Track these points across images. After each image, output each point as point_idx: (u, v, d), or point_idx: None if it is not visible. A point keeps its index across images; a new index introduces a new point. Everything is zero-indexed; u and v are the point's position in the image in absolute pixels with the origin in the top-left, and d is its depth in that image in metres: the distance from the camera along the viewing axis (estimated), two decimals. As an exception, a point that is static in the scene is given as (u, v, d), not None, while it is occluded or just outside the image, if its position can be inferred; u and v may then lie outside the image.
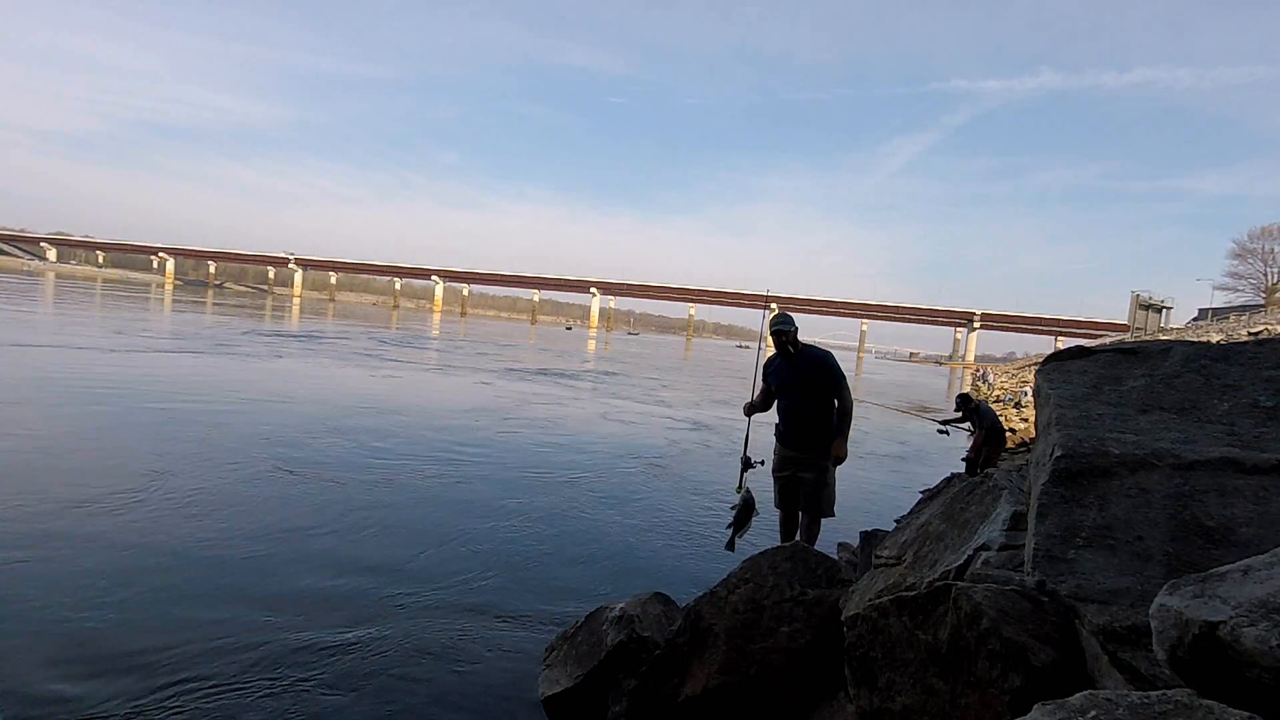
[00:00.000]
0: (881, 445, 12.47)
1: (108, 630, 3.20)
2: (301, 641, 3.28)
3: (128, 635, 3.18)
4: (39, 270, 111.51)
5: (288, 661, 3.10)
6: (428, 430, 9.16)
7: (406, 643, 3.38)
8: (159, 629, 3.26)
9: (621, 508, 6.27)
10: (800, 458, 4.12)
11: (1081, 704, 1.04)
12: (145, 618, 3.36)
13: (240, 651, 3.14)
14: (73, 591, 3.53)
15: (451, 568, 4.41)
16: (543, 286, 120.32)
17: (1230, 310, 46.02)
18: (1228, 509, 1.66)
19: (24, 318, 21.61)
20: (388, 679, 3.06)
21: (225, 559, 4.15)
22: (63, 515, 4.56)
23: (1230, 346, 2.38)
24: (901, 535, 2.65)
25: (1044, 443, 2.09)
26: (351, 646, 3.29)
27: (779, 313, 4.19)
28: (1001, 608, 1.68)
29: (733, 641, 2.65)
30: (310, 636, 3.34)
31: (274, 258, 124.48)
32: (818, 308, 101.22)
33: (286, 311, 51.88)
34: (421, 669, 3.17)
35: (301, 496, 5.57)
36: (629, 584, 4.28)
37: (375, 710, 2.83)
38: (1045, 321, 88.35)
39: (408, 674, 3.12)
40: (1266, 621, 1.00)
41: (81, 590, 3.55)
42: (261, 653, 3.14)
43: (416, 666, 3.19)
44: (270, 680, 2.94)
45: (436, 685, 3.06)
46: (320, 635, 3.36)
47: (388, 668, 3.14)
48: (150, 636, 3.19)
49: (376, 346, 24.02)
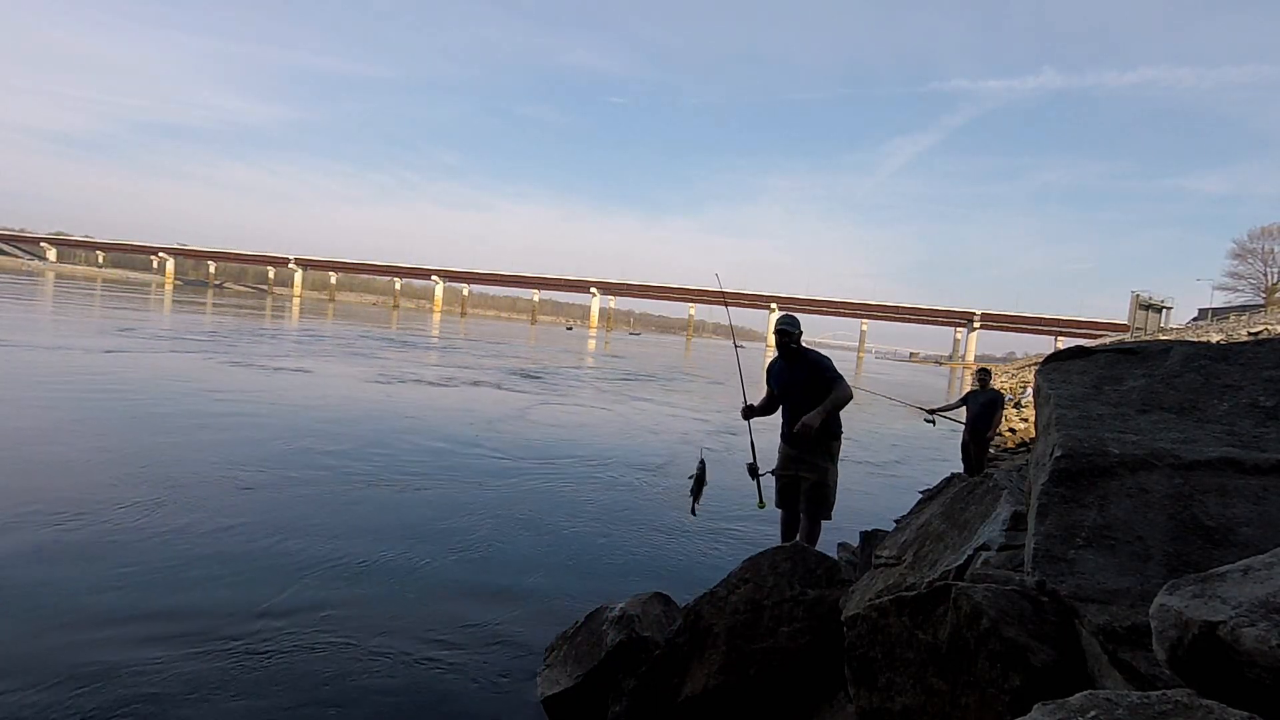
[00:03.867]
0: (881, 445, 12.47)
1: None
2: (300, 642, 3.28)
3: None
4: (39, 270, 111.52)
5: (286, 662, 3.10)
6: (430, 432, 9.16)
7: (406, 643, 3.38)
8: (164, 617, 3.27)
9: (622, 507, 6.27)
10: (801, 457, 4.13)
11: (1081, 704, 1.04)
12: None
13: (237, 652, 3.14)
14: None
15: (451, 568, 4.41)
16: (543, 286, 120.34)
17: (1230, 310, 46.01)
18: (1228, 509, 1.66)
19: (28, 319, 21.62)
20: (388, 679, 3.06)
21: (218, 560, 4.15)
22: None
23: (1230, 346, 2.38)
24: (901, 535, 2.66)
25: (1044, 443, 2.09)
26: (351, 647, 3.29)
27: (785, 314, 4.21)
28: (1001, 608, 1.68)
29: (733, 641, 2.65)
30: (310, 638, 3.34)
31: (274, 258, 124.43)
32: (818, 308, 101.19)
33: (287, 312, 51.86)
34: (421, 669, 3.17)
35: (305, 498, 5.58)
36: (629, 584, 4.28)
37: (375, 710, 2.83)
38: (1045, 321, 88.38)
39: (407, 674, 3.12)
40: (1266, 621, 1.00)
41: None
42: (260, 653, 3.15)
43: (416, 666, 3.18)
44: (270, 680, 2.95)
45: (436, 685, 3.06)
46: (319, 636, 3.36)
47: (388, 668, 3.14)
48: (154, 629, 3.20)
49: (385, 348, 24.03)
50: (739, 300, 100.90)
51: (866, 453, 11.21)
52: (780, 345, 4.20)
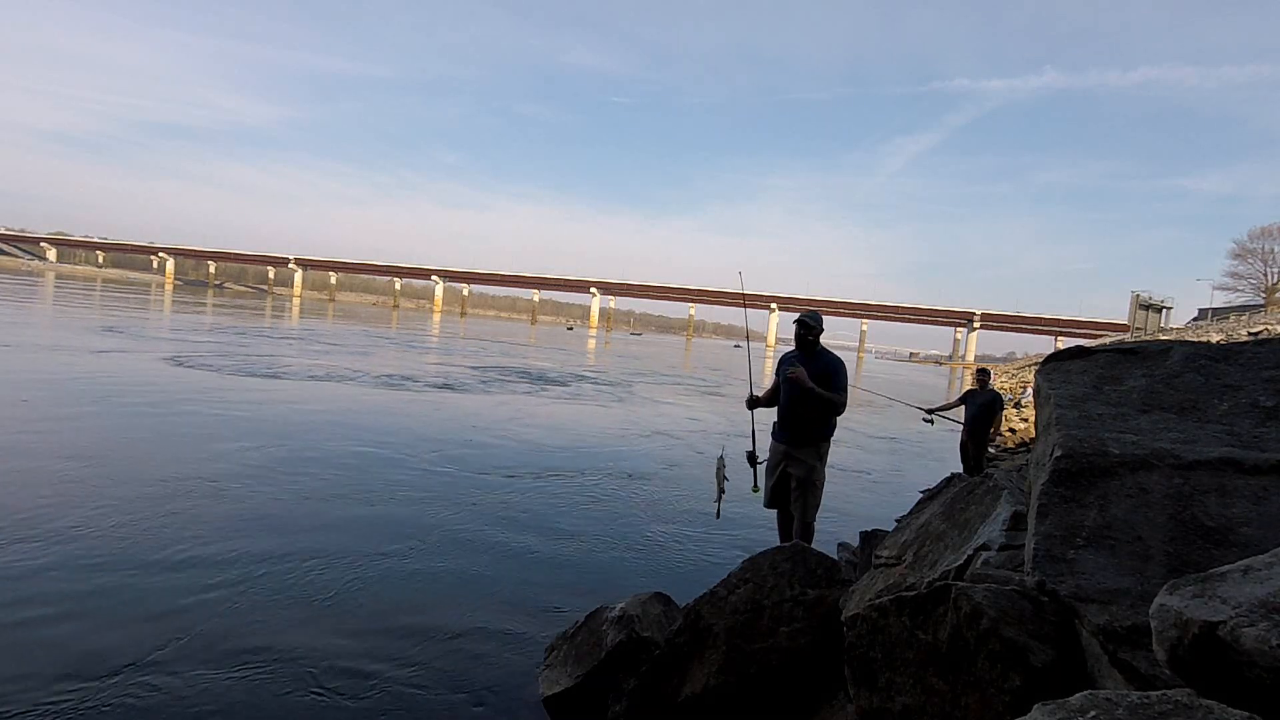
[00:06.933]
0: (881, 445, 12.46)
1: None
2: (299, 643, 3.29)
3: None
4: (39, 270, 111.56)
5: (286, 662, 3.10)
6: (430, 432, 9.17)
7: (406, 642, 3.38)
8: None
9: (622, 507, 6.27)
10: (790, 452, 4.15)
11: (1081, 704, 1.04)
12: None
13: (234, 655, 3.14)
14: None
15: (450, 567, 4.41)
16: (543, 286, 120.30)
17: (1230, 310, 45.98)
18: (1228, 509, 1.66)
19: (26, 319, 21.62)
20: (387, 679, 3.06)
21: (208, 564, 4.16)
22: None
23: (1230, 346, 2.38)
24: (901, 535, 2.66)
25: (1044, 443, 2.09)
26: (351, 647, 3.29)
27: (810, 310, 4.25)
28: (1001, 608, 1.69)
29: (733, 641, 2.65)
30: (307, 637, 3.34)
31: (274, 258, 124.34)
32: (817, 308, 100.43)
33: (287, 312, 51.86)
34: (421, 669, 3.17)
35: (309, 498, 5.58)
36: (629, 584, 4.28)
37: (376, 711, 2.83)
38: (1045, 321, 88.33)
39: (407, 674, 3.12)
40: (1266, 621, 1.00)
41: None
42: (258, 655, 3.15)
43: (416, 666, 3.18)
44: (269, 681, 2.95)
45: (436, 686, 3.06)
46: (318, 637, 3.36)
47: (387, 667, 3.14)
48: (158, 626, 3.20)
49: (400, 349, 24.02)
50: (739, 300, 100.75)
51: (866, 452, 11.20)
52: (799, 338, 4.21)
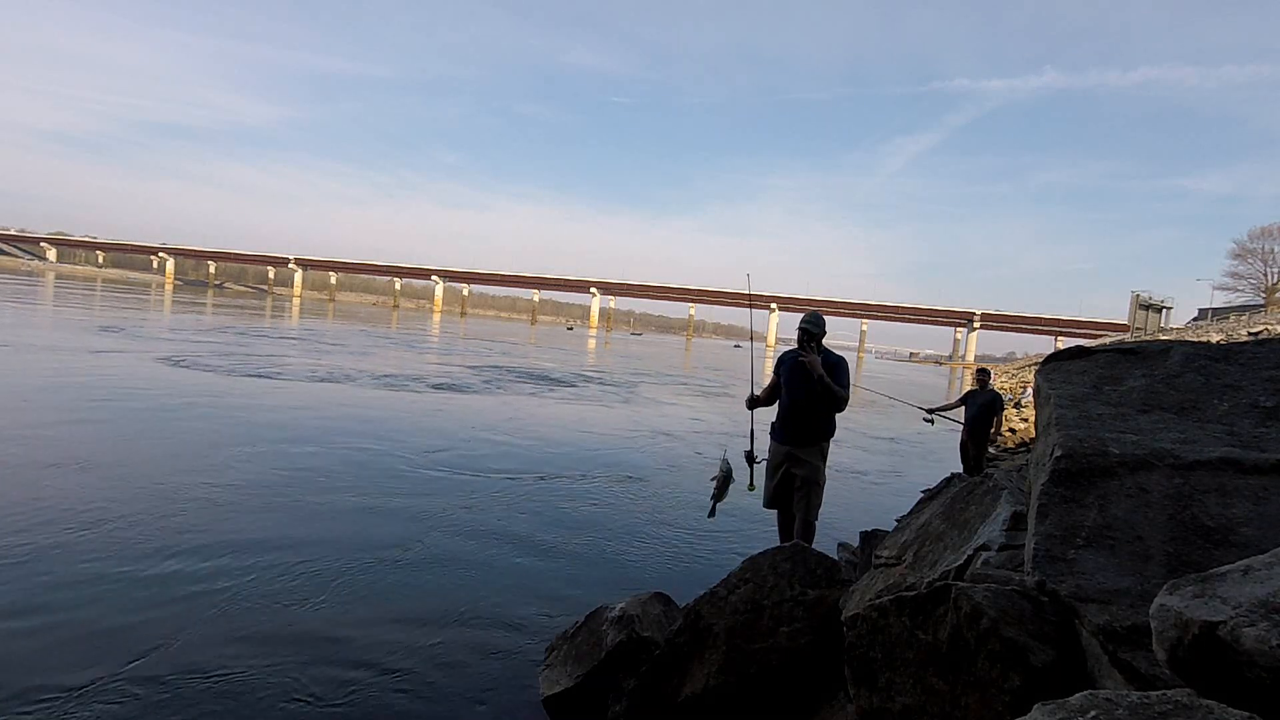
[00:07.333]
0: (881, 445, 12.46)
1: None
2: (298, 644, 3.28)
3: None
4: (39, 270, 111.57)
5: (285, 663, 3.10)
6: (428, 433, 9.17)
7: (406, 642, 3.38)
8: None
9: (622, 507, 6.27)
10: (793, 453, 4.15)
11: (1081, 704, 1.04)
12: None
13: (232, 655, 3.14)
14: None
15: (450, 567, 4.41)
16: (543, 286, 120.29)
17: (1230, 310, 45.97)
18: (1228, 509, 1.66)
19: (27, 319, 21.62)
20: (388, 679, 3.06)
21: (206, 562, 4.16)
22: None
23: (1230, 346, 2.38)
24: (901, 535, 2.66)
25: (1044, 443, 2.09)
26: (350, 647, 3.29)
27: (814, 312, 4.25)
28: (1001, 608, 1.69)
29: (733, 641, 2.65)
30: (308, 638, 3.34)
31: (274, 258, 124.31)
32: (817, 307, 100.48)
33: (287, 312, 51.86)
34: (421, 669, 3.17)
35: (309, 498, 5.58)
36: (629, 584, 4.28)
37: (376, 710, 2.83)
38: (1045, 321, 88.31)
39: (407, 673, 3.12)
40: (1266, 621, 1.00)
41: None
42: (257, 656, 3.15)
43: (416, 666, 3.18)
44: (271, 680, 2.95)
45: (437, 685, 3.06)
46: (318, 637, 3.36)
47: (388, 667, 3.15)
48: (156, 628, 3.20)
49: (402, 349, 24.03)
50: (739, 300, 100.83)
51: (866, 452, 11.20)
52: (801, 342, 4.22)
